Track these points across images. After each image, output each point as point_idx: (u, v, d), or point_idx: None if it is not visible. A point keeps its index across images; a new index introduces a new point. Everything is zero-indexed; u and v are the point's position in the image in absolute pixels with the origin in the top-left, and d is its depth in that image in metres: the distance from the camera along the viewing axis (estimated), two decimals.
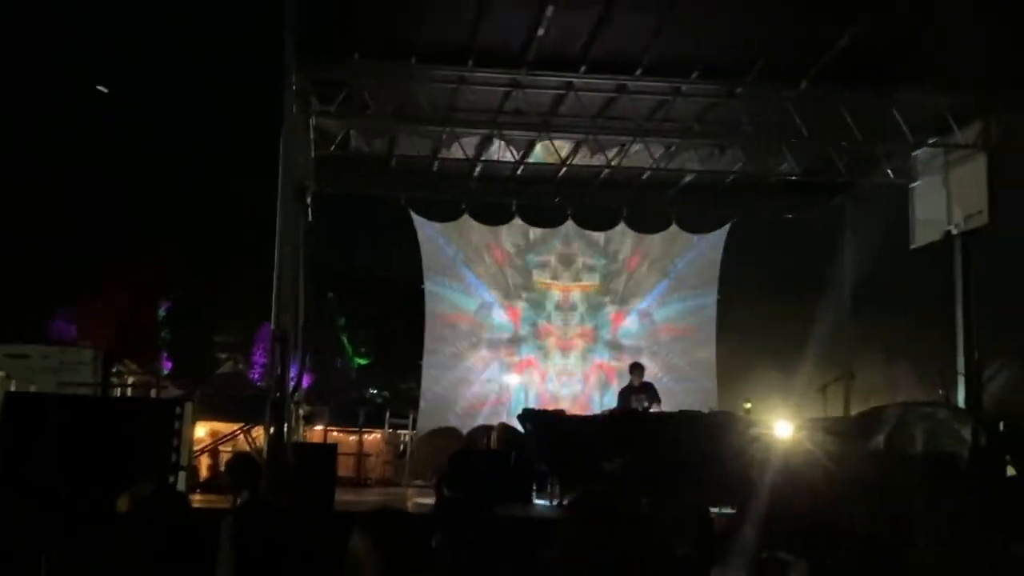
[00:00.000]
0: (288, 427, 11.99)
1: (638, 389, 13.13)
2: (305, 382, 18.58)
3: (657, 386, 13.71)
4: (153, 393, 14.51)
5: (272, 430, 11.75)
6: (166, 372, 21.94)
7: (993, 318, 13.21)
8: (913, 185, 14.53)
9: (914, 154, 14.35)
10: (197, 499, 10.86)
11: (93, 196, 21.30)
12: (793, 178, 15.02)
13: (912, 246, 14.41)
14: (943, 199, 13.78)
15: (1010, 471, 10.88)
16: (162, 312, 25.56)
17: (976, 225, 13.17)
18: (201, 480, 12.36)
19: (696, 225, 17.02)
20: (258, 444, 12.96)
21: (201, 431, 15.92)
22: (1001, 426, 11.82)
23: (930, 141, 13.82)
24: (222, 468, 13.68)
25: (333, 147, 13.99)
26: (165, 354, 24.30)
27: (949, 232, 13.61)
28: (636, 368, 13.43)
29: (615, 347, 16.77)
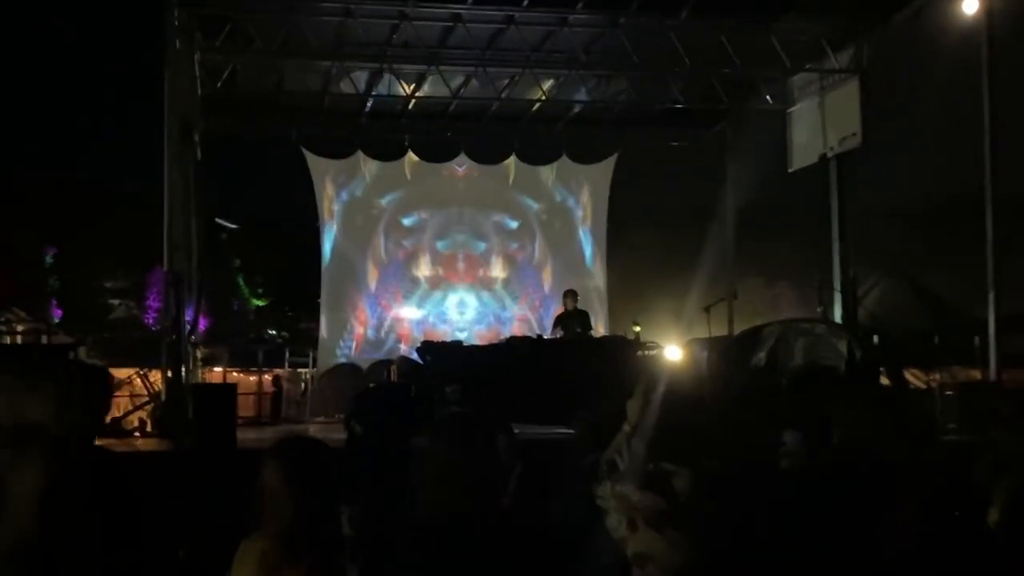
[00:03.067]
0: (186, 369, 12.00)
1: (572, 314, 13.13)
2: (201, 325, 18.45)
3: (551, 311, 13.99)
4: (44, 340, 14.24)
5: (170, 372, 11.75)
6: (56, 320, 21.47)
7: (868, 236, 13.88)
8: (791, 110, 15.02)
9: (791, 79, 14.82)
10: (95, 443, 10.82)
11: None
12: (677, 106, 15.36)
13: (791, 169, 14.95)
14: (819, 123, 14.31)
15: (884, 381, 11.50)
16: (48, 259, 24.86)
17: (850, 147, 13.73)
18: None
19: (585, 156, 17.31)
20: (155, 387, 12.92)
21: None
22: (875, 339, 12.46)
23: (806, 66, 14.28)
24: (119, 413, 13.65)
25: (220, 84, 13.77)
26: (54, 301, 23.73)
27: (825, 155, 14.15)
28: (569, 294, 13.47)
29: (507, 278, 17.06)
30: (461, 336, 15.61)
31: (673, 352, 12.76)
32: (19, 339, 14.17)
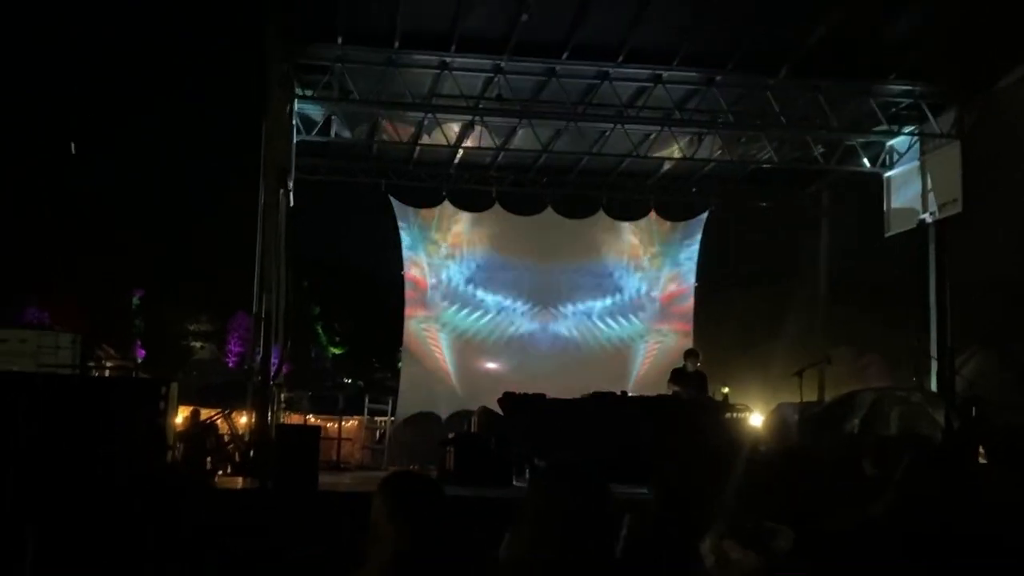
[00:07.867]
0: (271, 412, 12.04)
1: (690, 376, 12.78)
2: (284, 370, 18.59)
3: (639, 372, 13.70)
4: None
5: (255, 414, 11.80)
6: (140, 360, 21.84)
7: (965, 305, 13.44)
8: (889, 174, 14.70)
9: (890, 143, 14.52)
10: None
11: (63, 182, 21.08)
12: (770, 167, 15.16)
13: (887, 234, 14.59)
14: (918, 188, 13.98)
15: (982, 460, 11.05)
16: (135, 300, 25.39)
17: (950, 213, 13.35)
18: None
19: (674, 213, 17.14)
20: (238, 428, 12.99)
21: (179, 416, 15.93)
22: (973, 411, 11.98)
23: (906, 130, 14.00)
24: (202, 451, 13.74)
25: (315, 133, 13.97)
26: (138, 343, 24.17)
27: (923, 220, 13.80)
28: (691, 354, 13.18)
29: (594, 335, 16.88)
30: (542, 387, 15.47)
31: (757, 419, 12.46)
32: (108, 374, 14.42)
